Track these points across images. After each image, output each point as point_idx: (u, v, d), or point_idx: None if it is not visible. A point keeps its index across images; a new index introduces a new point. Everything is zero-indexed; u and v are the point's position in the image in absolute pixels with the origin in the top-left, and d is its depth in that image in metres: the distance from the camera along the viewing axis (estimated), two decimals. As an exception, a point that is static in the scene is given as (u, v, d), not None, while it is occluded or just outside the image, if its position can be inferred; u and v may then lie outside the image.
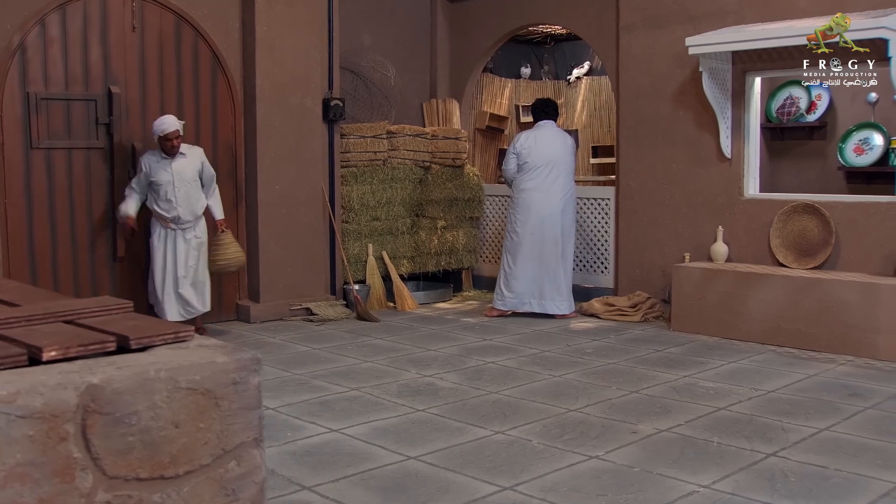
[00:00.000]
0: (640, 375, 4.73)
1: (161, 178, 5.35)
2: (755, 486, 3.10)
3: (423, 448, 3.51)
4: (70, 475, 0.95)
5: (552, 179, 6.38)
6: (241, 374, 1.05)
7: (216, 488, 1.03)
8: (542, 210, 6.38)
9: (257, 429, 1.08)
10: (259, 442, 1.09)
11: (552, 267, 6.39)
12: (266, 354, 5.22)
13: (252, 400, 1.08)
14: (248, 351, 1.11)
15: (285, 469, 3.28)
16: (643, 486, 3.10)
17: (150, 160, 5.39)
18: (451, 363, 5.01)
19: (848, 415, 3.98)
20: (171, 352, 1.08)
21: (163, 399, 0.99)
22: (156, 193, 5.38)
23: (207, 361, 1.03)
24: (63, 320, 1.23)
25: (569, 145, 6.53)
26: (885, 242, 5.41)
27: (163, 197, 5.37)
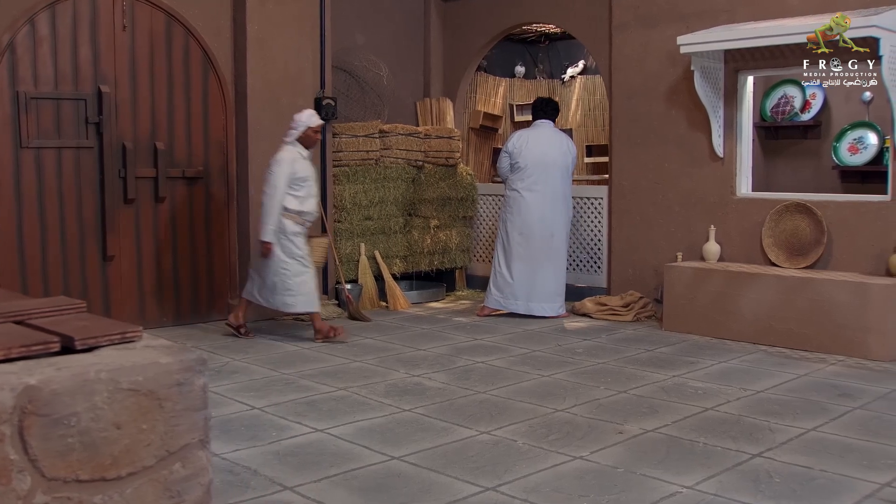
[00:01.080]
0: (629, 375, 4.71)
1: (307, 173, 5.28)
2: (739, 486, 3.09)
3: (408, 448, 3.49)
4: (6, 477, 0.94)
5: (543, 180, 6.35)
6: (186, 374, 1.03)
7: (160, 490, 1.02)
8: (533, 211, 6.36)
9: (203, 430, 1.07)
10: (205, 443, 1.08)
11: (541, 268, 6.36)
12: (255, 354, 5.21)
13: (197, 401, 1.06)
14: (194, 351, 1.09)
15: (268, 469, 3.27)
16: (626, 486, 3.08)
17: (293, 157, 5.28)
18: (441, 363, 5.00)
19: (836, 415, 3.96)
20: (117, 352, 1.07)
21: (103, 400, 0.98)
22: (297, 190, 5.28)
23: (150, 362, 1.02)
24: (13, 320, 1.21)
25: (564, 146, 6.49)
26: (877, 242, 5.39)
27: (306, 193, 5.29)
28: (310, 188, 5.40)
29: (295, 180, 5.30)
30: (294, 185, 5.30)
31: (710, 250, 6.00)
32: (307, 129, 5.36)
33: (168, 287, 5.99)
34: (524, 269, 6.36)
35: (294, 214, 5.37)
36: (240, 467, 3.28)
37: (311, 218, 5.49)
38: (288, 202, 5.32)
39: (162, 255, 5.95)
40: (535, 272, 6.36)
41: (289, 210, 5.34)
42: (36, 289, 5.40)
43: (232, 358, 5.11)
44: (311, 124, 5.37)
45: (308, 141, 5.40)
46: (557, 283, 6.42)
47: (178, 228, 6.02)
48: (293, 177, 5.29)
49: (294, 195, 5.32)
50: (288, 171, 5.27)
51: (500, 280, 6.45)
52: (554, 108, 6.67)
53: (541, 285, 6.37)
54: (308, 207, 5.39)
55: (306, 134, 5.36)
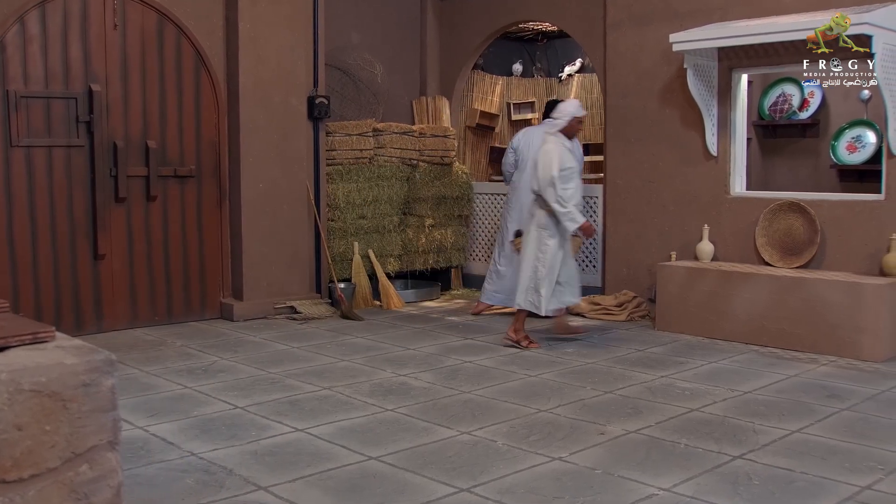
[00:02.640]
0: (617, 375, 4.68)
1: (572, 163, 5.17)
2: (717, 489, 3.05)
3: (386, 448, 3.47)
4: None
5: None
6: (92, 375, 1.02)
7: (66, 492, 1.00)
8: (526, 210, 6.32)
9: (112, 431, 1.05)
10: (114, 445, 1.06)
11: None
12: (243, 353, 5.21)
13: (105, 402, 1.05)
14: (102, 352, 1.08)
15: (244, 469, 3.25)
16: (602, 488, 3.05)
17: (560, 148, 5.15)
18: (429, 362, 4.98)
19: (822, 416, 3.92)
20: (25, 353, 1.06)
21: (3, 401, 0.97)
22: (563, 182, 5.12)
23: (55, 363, 1.00)
24: (-67, 320, 1.20)
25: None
26: (871, 241, 5.33)
27: (573, 185, 5.16)
28: (575, 179, 5.22)
29: (562, 171, 5.12)
30: (562, 176, 5.12)
31: (704, 250, 5.95)
32: (572, 120, 5.21)
33: (160, 286, 6.00)
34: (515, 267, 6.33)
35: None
36: (216, 467, 3.27)
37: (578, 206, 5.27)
38: (571, 194, 5.15)
39: (153, 253, 5.95)
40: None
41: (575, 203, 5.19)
42: (26, 288, 5.42)
43: (220, 357, 5.11)
44: (577, 115, 5.23)
45: (571, 131, 5.27)
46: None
47: (169, 227, 6.02)
48: (561, 167, 5.11)
49: (567, 186, 5.15)
50: (557, 161, 5.09)
51: (496, 276, 6.43)
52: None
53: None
54: (574, 200, 5.17)
55: (571, 125, 5.23)
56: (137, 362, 4.96)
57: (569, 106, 5.32)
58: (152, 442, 3.57)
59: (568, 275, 5.36)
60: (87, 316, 5.68)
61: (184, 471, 3.24)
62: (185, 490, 3.05)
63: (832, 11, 5.23)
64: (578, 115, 5.28)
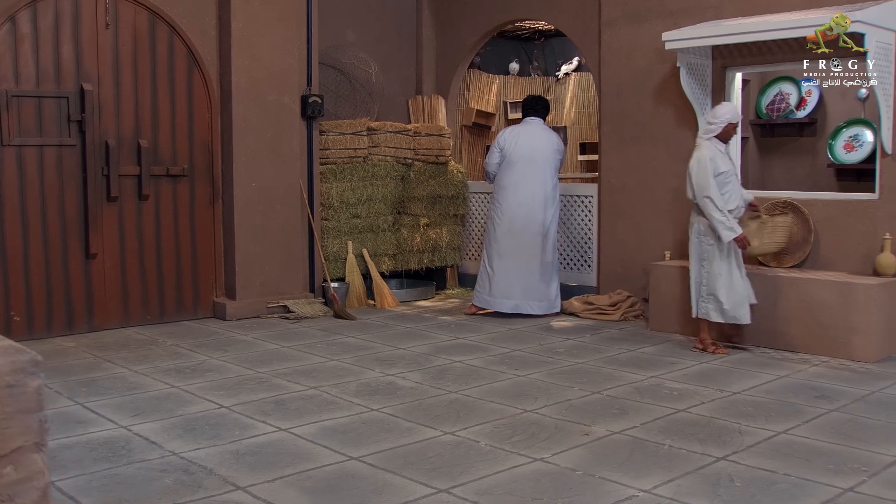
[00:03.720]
0: (606, 376, 4.66)
1: (727, 167, 5.07)
2: (697, 490, 3.03)
3: (368, 448, 3.46)
4: None
5: (532, 177, 6.31)
6: (17, 376, 1.01)
7: (-12, 495, 0.99)
8: (522, 208, 6.31)
9: (38, 433, 1.04)
10: (40, 446, 1.05)
11: (530, 267, 6.31)
12: (233, 352, 5.20)
13: (30, 403, 1.03)
14: (28, 353, 1.07)
15: (224, 468, 3.25)
16: (581, 490, 3.04)
17: (713, 153, 5.07)
18: (418, 362, 4.96)
19: (809, 417, 3.88)
20: (-49, 354, 1.04)
21: (-78, 403, 0.96)
22: (720, 186, 5.02)
23: (-24, 364, 0.99)
24: None
25: (553, 143, 6.44)
26: (864, 241, 5.29)
27: (730, 190, 5.05)
28: (732, 182, 5.12)
29: (717, 177, 5.05)
30: (717, 181, 5.05)
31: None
32: (728, 125, 5.10)
33: (152, 285, 6.00)
34: (511, 268, 6.32)
35: None
36: (196, 466, 3.27)
37: (737, 213, 5.13)
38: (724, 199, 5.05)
39: (146, 252, 5.96)
40: (522, 270, 6.31)
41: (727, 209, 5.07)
42: (17, 287, 5.43)
43: (209, 356, 5.11)
44: (733, 120, 5.11)
45: (726, 136, 5.13)
46: (546, 281, 6.36)
47: (162, 226, 6.02)
48: (716, 173, 5.05)
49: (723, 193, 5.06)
50: (710, 166, 5.04)
51: (487, 279, 6.41)
52: (544, 106, 6.61)
53: (529, 283, 6.32)
54: (733, 204, 5.07)
55: (726, 129, 5.10)
56: (127, 361, 4.96)
57: (724, 110, 5.14)
58: (134, 441, 3.57)
59: None
60: (78, 315, 5.69)
61: (163, 470, 3.23)
62: (162, 490, 3.05)
63: (825, 9, 5.20)
64: (734, 120, 5.10)
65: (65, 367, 4.83)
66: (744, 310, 5.07)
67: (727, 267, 5.08)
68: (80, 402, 4.13)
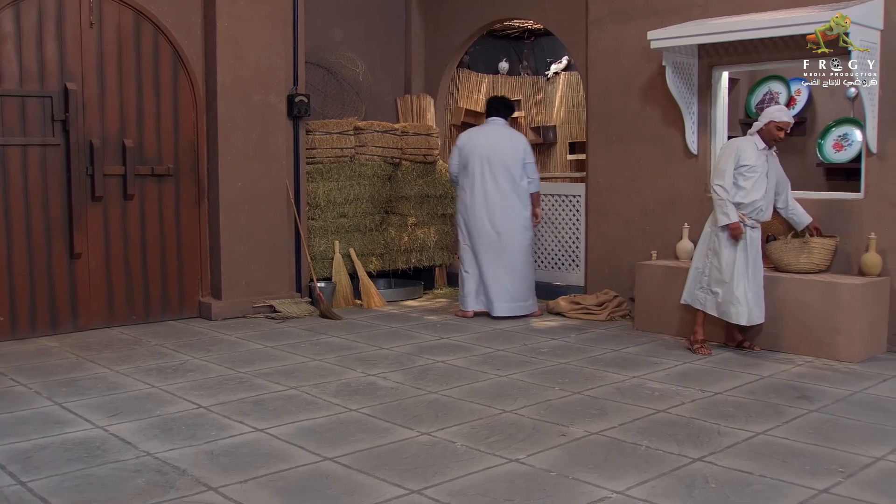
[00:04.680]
0: (588, 376, 4.64)
1: (755, 162, 4.94)
2: (671, 492, 3.01)
3: (344, 449, 3.45)
4: None
5: (491, 178, 6.16)
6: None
7: None
8: (479, 209, 6.19)
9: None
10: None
11: (492, 268, 6.18)
12: (216, 352, 5.18)
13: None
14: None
15: (197, 469, 3.23)
16: (554, 491, 3.02)
17: (743, 143, 5.00)
18: (400, 362, 4.95)
19: (789, 418, 3.87)
20: None
21: None
22: (739, 178, 4.95)
23: None
24: None
25: (513, 143, 6.19)
26: (850, 240, 5.28)
27: (751, 185, 4.94)
28: (757, 180, 4.95)
29: (739, 167, 4.97)
30: (738, 172, 4.97)
31: (684, 248, 5.89)
32: (770, 123, 4.94)
33: (137, 285, 5.98)
34: (476, 269, 6.24)
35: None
36: (169, 467, 3.25)
37: (756, 214, 5.00)
38: (735, 193, 4.98)
39: (131, 252, 5.94)
40: (485, 272, 6.20)
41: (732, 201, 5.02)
42: (1, 287, 5.41)
43: (192, 356, 5.09)
44: (774, 118, 4.94)
45: (767, 135, 4.98)
46: (514, 283, 6.19)
47: (147, 226, 6.00)
48: (738, 163, 4.97)
49: (737, 185, 4.96)
50: (733, 156, 4.97)
51: (461, 280, 6.38)
52: (506, 105, 6.48)
53: (493, 285, 6.18)
54: (747, 199, 4.95)
55: (768, 128, 4.96)
56: (109, 361, 4.94)
57: (771, 109, 5.05)
58: (110, 442, 3.55)
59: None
60: (62, 315, 5.67)
61: (137, 471, 3.22)
62: (134, 490, 3.03)
63: (811, 8, 5.19)
64: (776, 118, 4.94)
65: (47, 367, 4.82)
66: (734, 308, 4.99)
67: (734, 265, 4.98)
68: (59, 403, 4.11)
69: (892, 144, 5.15)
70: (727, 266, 5.01)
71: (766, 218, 5.08)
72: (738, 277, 4.98)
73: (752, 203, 4.98)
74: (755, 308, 5.00)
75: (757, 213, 5.02)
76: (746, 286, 4.98)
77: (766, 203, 5.04)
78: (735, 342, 5.26)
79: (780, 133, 4.98)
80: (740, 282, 4.98)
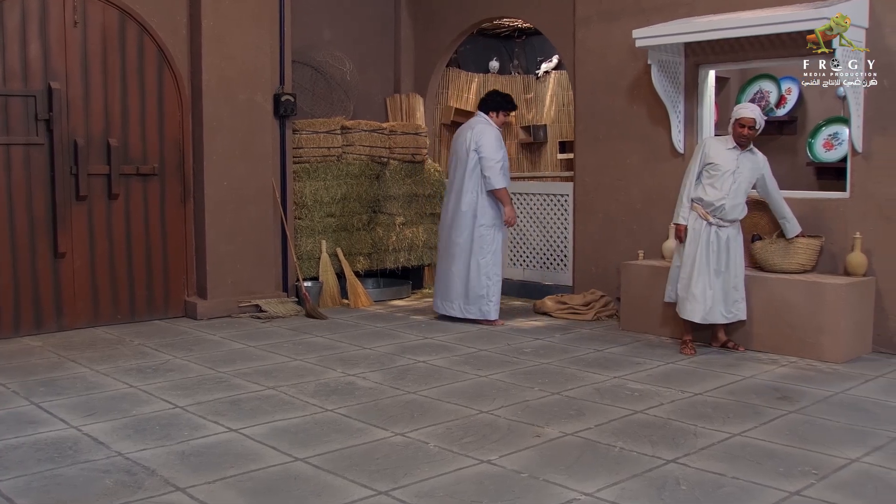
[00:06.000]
0: (569, 376, 4.62)
1: (720, 160, 4.94)
2: (641, 494, 2.99)
3: (316, 449, 3.43)
4: None
5: (453, 175, 6.06)
6: None
7: None
8: (447, 207, 6.11)
9: None
10: None
11: (448, 268, 6.04)
12: (199, 352, 5.17)
13: None
14: None
15: (166, 470, 3.22)
16: (523, 492, 3.00)
17: (713, 142, 5.05)
18: (381, 362, 4.93)
19: (767, 419, 3.84)
20: None
21: None
22: (706, 177, 4.98)
23: None
24: None
25: (470, 141, 5.88)
26: (836, 240, 5.25)
27: (714, 183, 4.93)
28: (720, 179, 4.93)
29: (706, 165, 4.98)
30: (705, 170, 4.98)
31: (670, 248, 5.85)
32: (733, 122, 4.95)
33: (122, 284, 5.97)
34: (441, 269, 6.16)
35: (697, 203, 5.01)
36: (139, 467, 3.24)
37: (720, 213, 4.96)
38: (696, 189, 5.00)
39: (116, 251, 5.93)
40: (443, 271, 6.13)
41: (693, 199, 5.03)
42: (-16, 285, 5.41)
43: (174, 356, 5.07)
44: (736, 115, 4.96)
45: (736, 135, 4.95)
46: (467, 286, 5.94)
47: (132, 225, 5.99)
48: (705, 161, 4.99)
49: (703, 182, 4.98)
50: (700, 153, 5.02)
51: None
52: (492, 100, 6.06)
53: (448, 285, 6.04)
54: (712, 198, 4.93)
55: (733, 126, 4.96)
56: (90, 361, 4.93)
57: (735, 107, 5.07)
58: (83, 442, 3.54)
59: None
60: (46, 314, 5.66)
61: (106, 471, 3.20)
62: (101, 491, 3.02)
63: (796, 6, 5.15)
64: (736, 115, 4.95)
65: (27, 366, 4.81)
66: (690, 305, 4.98)
67: (693, 262, 5.00)
68: (36, 402, 4.10)
69: (877, 143, 5.12)
70: (687, 262, 5.04)
71: (733, 217, 5.03)
72: (696, 275, 4.97)
73: (715, 202, 4.97)
74: (718, 306, 4.99)
75: (721, 213, 4.99)
76: (707, 284, 4.97)
77: (732, 203, 4.98)
78: (720, 342, 5.24)
79: (744, 130, 4.94)
80: (699, 279, 4.97)
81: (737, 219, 5.07)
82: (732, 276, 5.02)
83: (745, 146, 5.02)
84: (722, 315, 5.03)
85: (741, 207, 5.05)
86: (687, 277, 5.02)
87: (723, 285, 5.01)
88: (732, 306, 5.04)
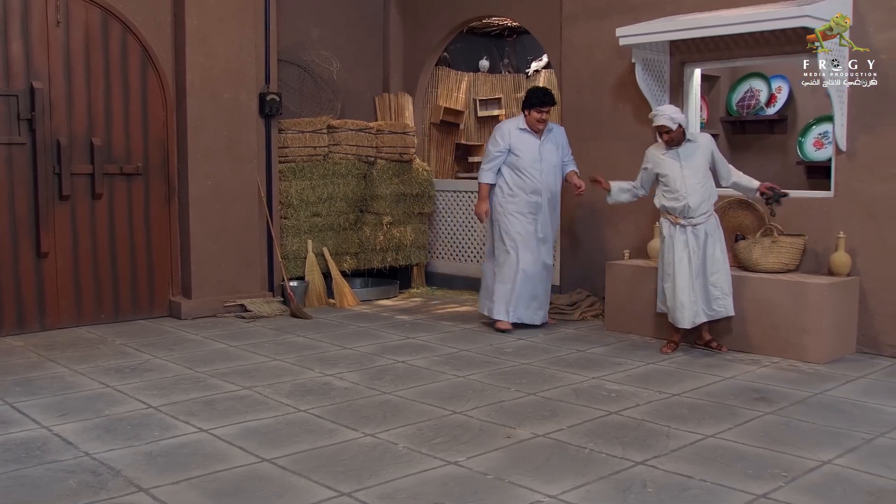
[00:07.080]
0: (547, 377, 4.59)
1: (655, 162, 5.03)
2: (605, 496, 2.96)
3: (284, 450, 3.41)
4: None
5: None
6: None
7: None
8: None
9: None
10: None
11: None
12: (179, 352, 5.16)
13: None
14: None
15: (132, 470, 3.20)
16: (487, 494, 2.97)
17: (650, 152, 5.12)
18: (360, 362, 4.91)
19: (743, 420, 3.81)
20: None
21: None
22: (661, 186, 5.05)
23: None
24: None
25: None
26: (819, 240, 5.21)
27: (668, 190, 4.99)
28: (671, 181, 4.95)
29: (657, 176, 5.06)
30: (659, 180, 5.05)
31: (655, 248, 5.82)
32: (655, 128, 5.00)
33: (106, 284, 5.97)
34: None
35: (666, 212, 5.03)
36: (104, 467, 3.22)
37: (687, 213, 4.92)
38: (657, 198, 5.07)
39: (99, 251, 5.92)
40: None
41: (659, 207, 5.08)
42: (-34, 285, 5.41)
43: (153, 356, 5.06)
44: (653, 125, 5.00)
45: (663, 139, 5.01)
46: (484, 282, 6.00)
47: (116, 225, 5.98)
48: (654, 172, 5.07)
49: (661, 192, 5.04)
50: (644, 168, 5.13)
51: None
52: (525, 98, 5.89)
53: None
54: (673, 204, 4.95)
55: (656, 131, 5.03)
56: (69, 361, 4.92)
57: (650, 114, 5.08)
58: (52, 442, 3.53)
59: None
60: (29, 314, 5.66)
61: (71, 471, 3.19)
62: (64, 491, 3.00)
63: (780, 4, 5.11)
64: (653, 125, 4.98)
65: (7, 366, 4.80)
66: (680, 313, 4.96)
67: (674, 266, 4.98)
68: (10, 403, 4.09)
69: (861, 142, 5.07)
70: (668, 271, 5.03)
71: (703, 211, 4.95)
72: (680, 282, 4.93)
73: (678, 206, 4.94)
74: (700, 305, 4.97)
75: (689, 213, 4.95)
76: (690, 288, 4.94)
77: (695, 201, 4.91)
78: (703, 340, 5.20)
79: (664, 136, 4.95)
80: (684, 286, 4.93)
81: (708, 211, 5.01)
82: (710, 273, 4.99)
83: (676, 145, 4.99)
84: (705, 314, 5.00)
85: (707, 199, 4.98)
86: (672, 287, 4.99)
87: (703, 283, 4.98)
88: (714, 303, 5.00)
